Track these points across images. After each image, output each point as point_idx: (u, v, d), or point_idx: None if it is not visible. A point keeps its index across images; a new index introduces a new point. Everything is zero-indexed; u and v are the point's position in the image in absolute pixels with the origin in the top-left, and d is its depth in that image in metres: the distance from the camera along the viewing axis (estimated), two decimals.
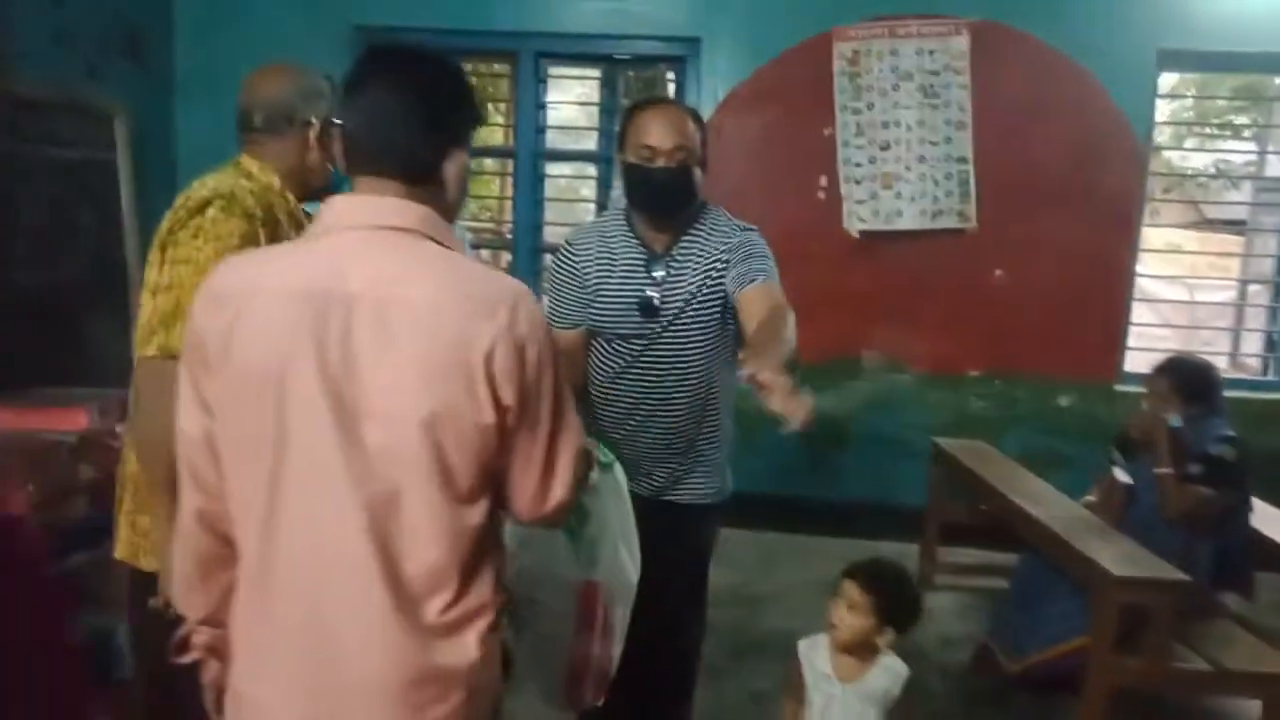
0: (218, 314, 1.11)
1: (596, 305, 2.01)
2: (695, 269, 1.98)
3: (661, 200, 1.96)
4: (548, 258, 4.22)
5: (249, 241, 1.53)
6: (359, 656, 1.11)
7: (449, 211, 1.23)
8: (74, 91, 3.47)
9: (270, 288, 1.11)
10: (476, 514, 1.15)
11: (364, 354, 1.08)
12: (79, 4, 3.49)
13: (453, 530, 1.12)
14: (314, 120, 1.71)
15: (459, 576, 1.14)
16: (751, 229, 2.05)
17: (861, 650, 1.92)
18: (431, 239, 1.15)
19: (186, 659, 1.26)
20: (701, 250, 1.98)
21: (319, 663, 1.12)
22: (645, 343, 2.00)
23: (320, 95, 1.73)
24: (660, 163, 1.89)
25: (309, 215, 1.74)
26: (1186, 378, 2.88)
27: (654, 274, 1.98)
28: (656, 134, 1.90)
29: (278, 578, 1.13)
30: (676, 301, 1.97)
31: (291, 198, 1.71)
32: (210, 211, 1.54)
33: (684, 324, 1.98)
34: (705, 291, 1.98)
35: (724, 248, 1.98)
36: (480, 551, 1.17)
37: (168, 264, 1.53)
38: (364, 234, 1.14)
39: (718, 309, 1.99)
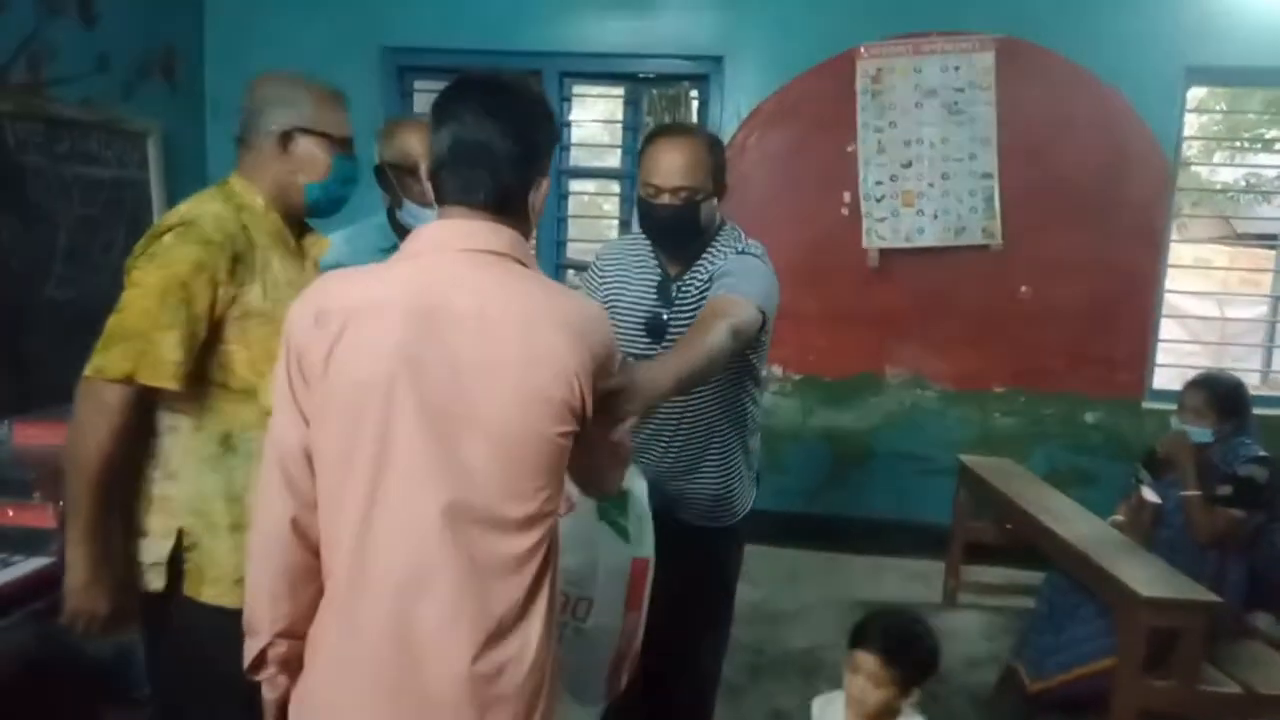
0: (319, 331, 1.16)
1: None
2: (698, 293, 2.00)
3: (665, 236, 2.00)
4: (570, 274, 4.25)
5: (201, 269, 1.52)
6: (440, 658, 1.15)
7: (528, 234, 1.29)
8: (109, 112, 3.56)
9: (373, 306, 1.16)
10: (547, 508, 1.21)
11: (465, 371, 1.14)
12: (115, 26, 3.58)
13: (523, 529, 1.18)
14: (274, 127, 1.64)
15: (527, 572, 1.19)
16: (751, 249, 2.03)
17: (886, 716, 1.87)
18: (519, 261, 1.22)
19: (261, 676, 1.27)
20: (704, 274, 2.00)
21: (401, 666, 1.15)
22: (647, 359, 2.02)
23: (292, 103, 1.65)
24: (664, 199, 1.92)
25: (304, 235, 1.76)
26: (1221, 394, 2.85)
27: (665, 296, 2.01)
28: (661, 173, 1.92)
29: (369, 584, 1.16)
30: (681, 325, 1.97)
31: (277, 217, 1.68)
32: (166, 238, 1.55)
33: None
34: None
35: (719, 271, 1.98)
36: (545, 543, 1.22)
37: (126, 287, 1.56)
38: (459, 256, 1.19)
39: None
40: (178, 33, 4.04)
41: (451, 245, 1.20)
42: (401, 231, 2.16)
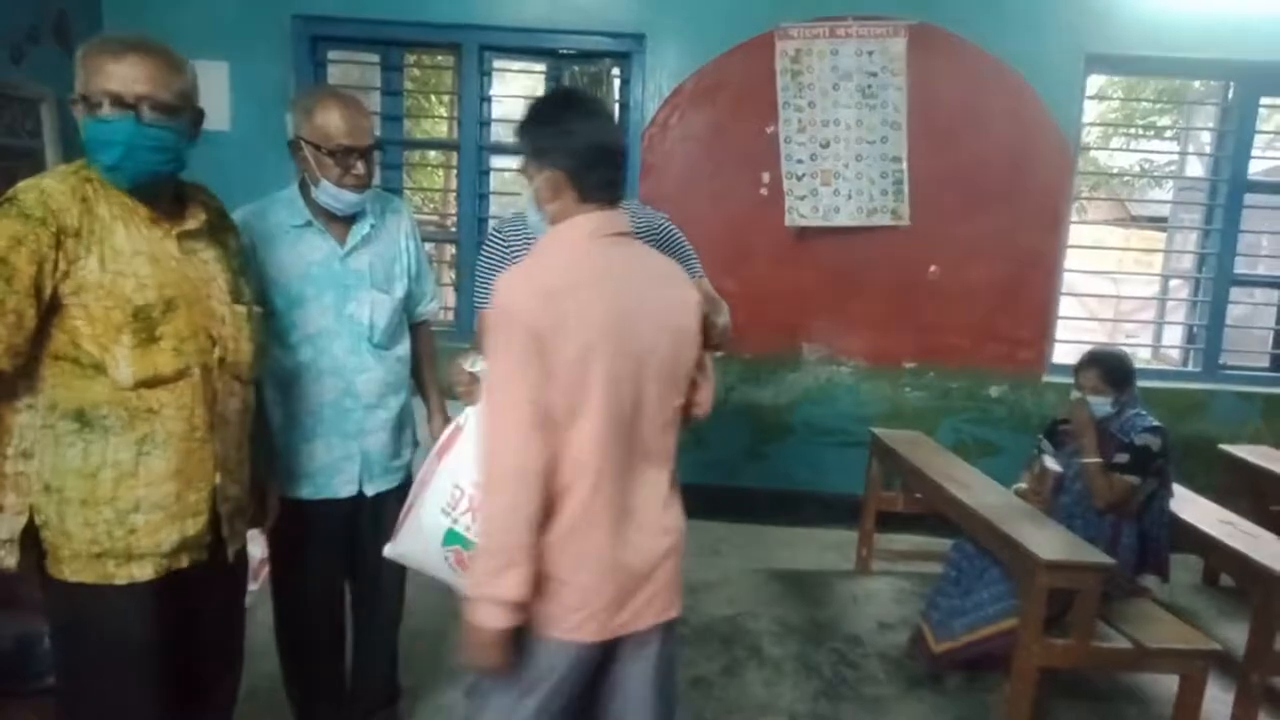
0: (552, 307, 1.45)
1: None
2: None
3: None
4: None
5: (19, 243, 1.48)
6: (651, 534, 1.61)
7: None
8: None
9: (583, 283, 1.49)
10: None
11: (644, 322, 1.54)
12: None
13: (671, 429, 1.64)
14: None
15: (673, 457, 1.67)
16: (666, 220, 2.27)
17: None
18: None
19: (521, 598, 1.47)
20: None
21: (623, 550, 1.56)
22: None
23: (79, 68, 1.58)
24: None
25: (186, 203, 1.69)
26: (1113, 367, 3.01)
27: None
28: None
29: (605, 498, 1.53)
30: None
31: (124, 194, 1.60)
32: None
33: None
34: None
35: (646, 228, 2.14)
36: None
37: None
38: (616, 239, 1.57)
39: None
40: None
41: (607, 230, 1.56)
42: (315, 209, 2.12)
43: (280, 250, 2.07)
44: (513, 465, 1.46)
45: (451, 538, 1.80)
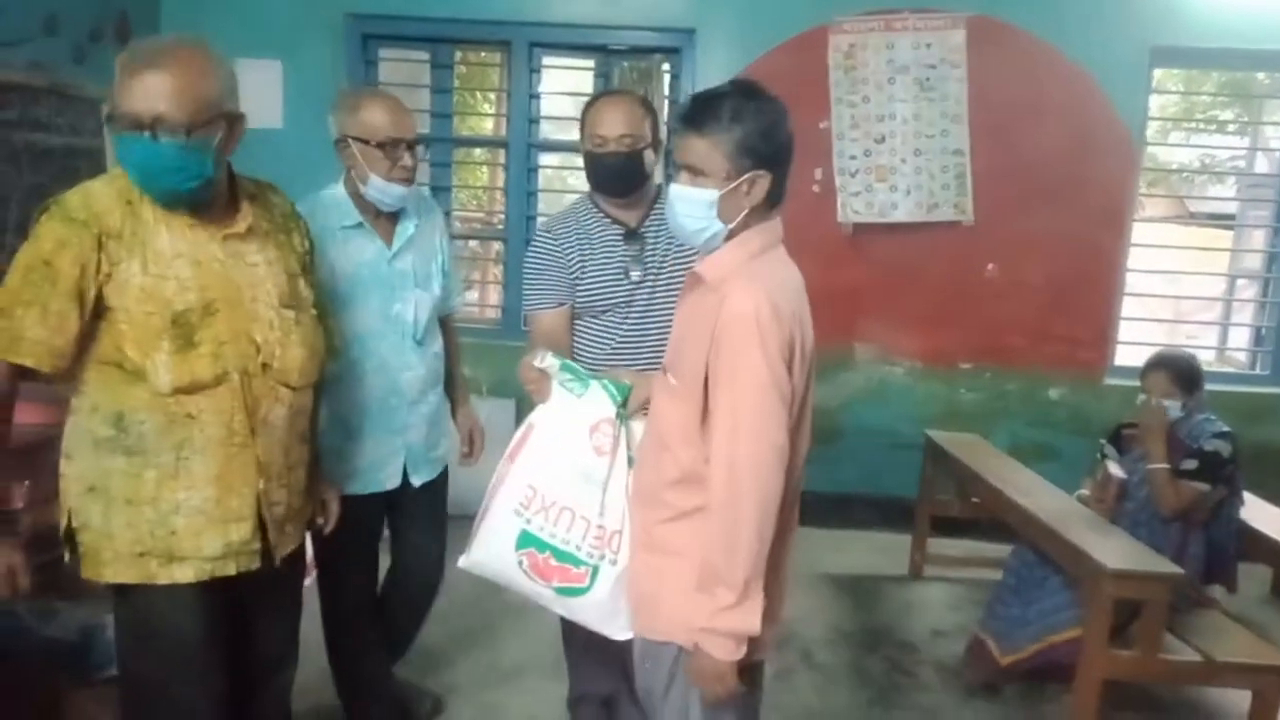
0: (791, 316, 1.49)
1: (584, 281, 2.11)
2: (666, 244, 2.12)
3: (615, 181, 2.11)
4: None
5: (64, 246, 1.50)
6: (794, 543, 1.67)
7: None
8: (61, 77, 3.42)
9: (796, 291, 1.55)
10: None
11: (808, 334, 1.57)
12: None
13: None
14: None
15: None
16: None
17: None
18: None
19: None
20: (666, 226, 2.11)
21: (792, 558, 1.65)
22: (637, 312, 2.11)
23: (116, 84, 1.55)
24: (610, 148, 2.05)
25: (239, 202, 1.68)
26: (1182, 370, 2.91)
27: (632, 244, 2.12)
28: (605, 124, 2.06)
29: (792, 505, 1.60)
30: (655, 266, 2.12)
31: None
32: (43, 216, 1.55)
33: (668, 286, 2.09)
34: (681, 258, 2.08)
35: None
36: None
37: None
38: (783, 247, 1.61)
39: None
40: None
41: (781, 238, 1.61)
42: (363, 208, 2.13)
43: (330, 252, 2.07)
44: (767, 475, 1.44)
45: (525, 540, 1.79)
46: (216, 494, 1.63)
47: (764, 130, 1.50)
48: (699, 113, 1.51)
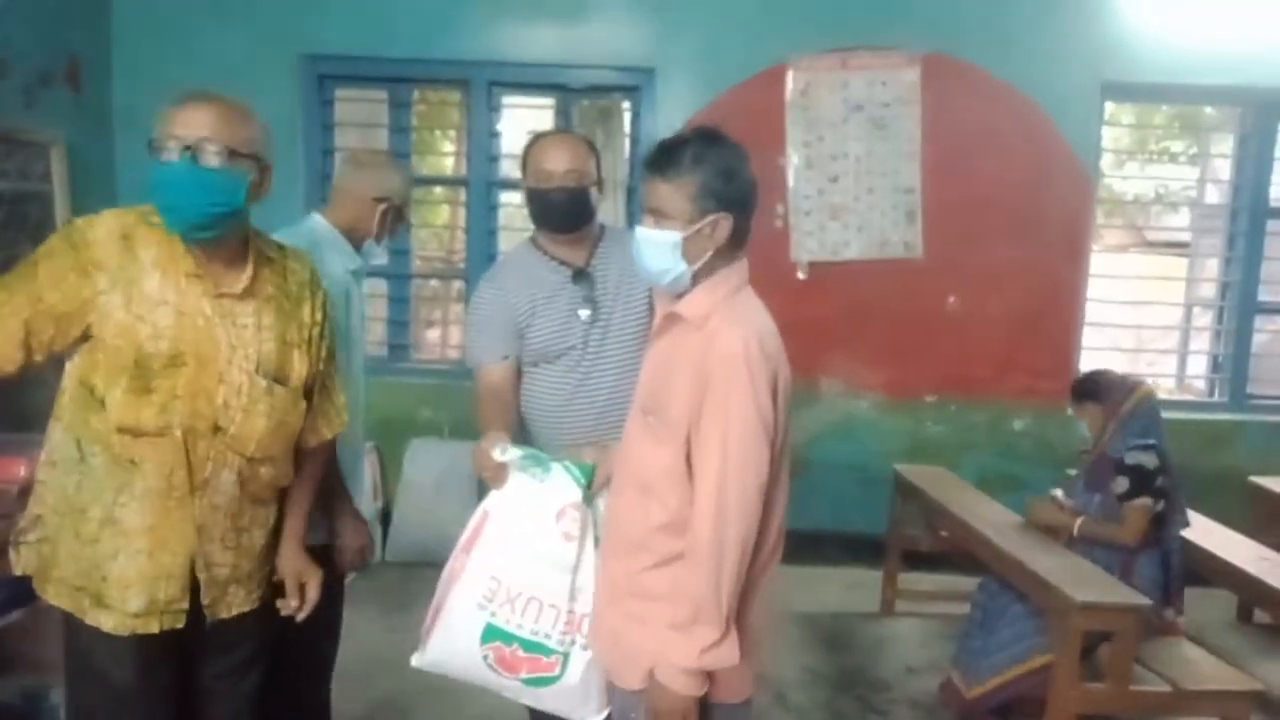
0: (776, 358, 1.52)
1: (535, 329, 2.06)
2: (618, 278, 2.08)
3: (562, 218, 2.07)
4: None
5: (51, 256, 1.56)
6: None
7: None
8: (9, 121, 3.36)
9: (772, 327, 1.56)
10: None
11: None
12: (13, 32, 3.39)
13: None
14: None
15: None
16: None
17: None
18: None
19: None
20: (615, 261, 2.09)
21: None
22: (591, 354, 2.05)
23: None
24: (556, 183, 2.02)
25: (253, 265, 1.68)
26: (1074, 389, 3.04)
27: (581, 284, 2.08)
28: (550, 159, 2.03)
29: (776, 539, 1.59)
30: (606, 306, 2.07)
31: (174, 240, 1.60)
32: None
33: (621, 326, 2.07)
34: (631, 297, 2.07)
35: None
36: None
37: None
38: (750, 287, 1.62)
39: (647, 312, 2.04)
40: (83, 40, 3.84)
41: (748, 280, 1.62)
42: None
43: (341, 298, 2.08)
44: (751, 512, 1.47)
45: (491, 633, 1.73)
46: (149, 547, 1.60)
47: (725, 173, 1.53)
48: (662, 158, 1.55)
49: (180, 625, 1.65)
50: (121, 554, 1.59)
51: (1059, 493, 3.00)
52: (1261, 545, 3.17)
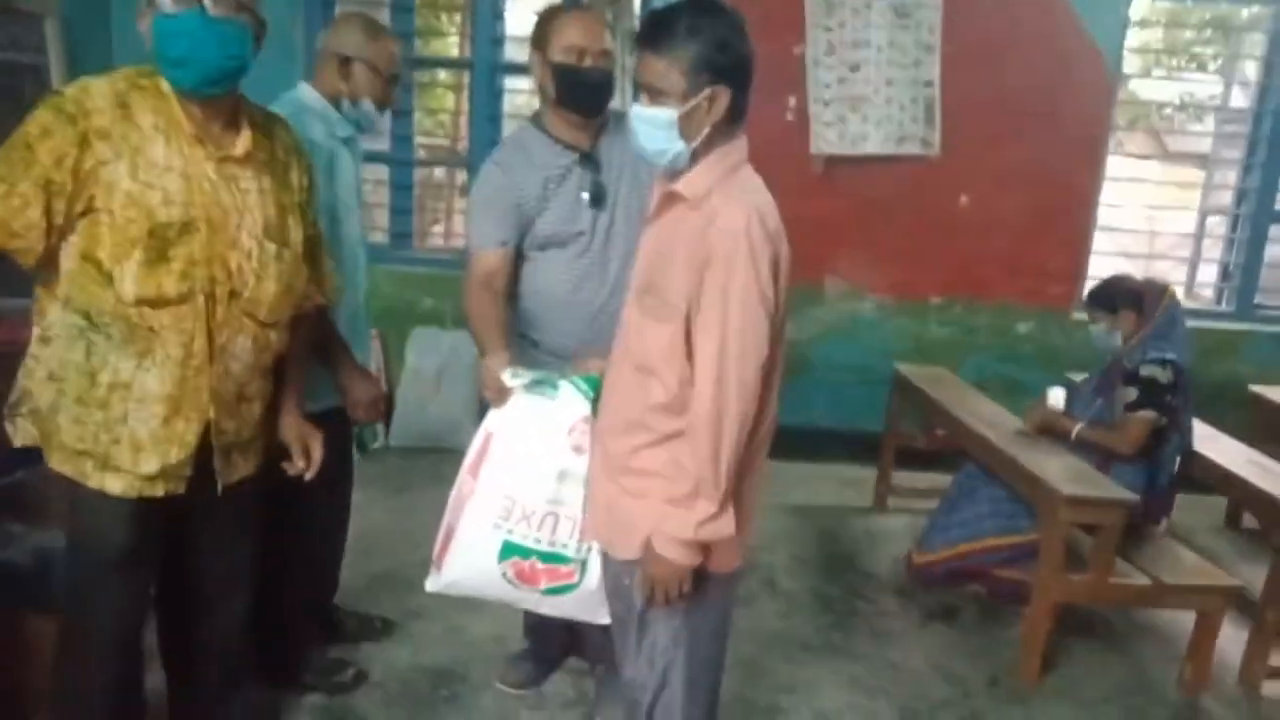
0: (777, 237, 1.49)
1: (547, 213, 2.03)
2: (621, 159, 2.04)
3: (593, 100, 2.03)
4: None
5: (47, 134, 1.50)
6: None
7: None
8: None
9: (773, 206, 1.52)
10: None
11: None
12: None
13: None
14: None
15: None
16: None
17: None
18: None
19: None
20: (625, 143, 1.99)
21: None
22: (599, 239, 2.04)
23: None
24: (589, 62, 1.96)
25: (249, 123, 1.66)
26: (1099, 293, 2.97)
27: (594, 164, 2.05)
28: (583, 35, 1.95)
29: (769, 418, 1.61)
30: (613, 190, 2.05)
31: (175, 103, 1.58)
32: (41, 103, 1.55)
33: (627, 211, 2.05)
34: (637, 181, 2.03)
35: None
36: None
37: None
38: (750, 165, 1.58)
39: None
40: None
41: (747, 154, 1.58)
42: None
43: (340, 161, 2.12)
44: (751, 390, 1.47)
45: (509, 550, 1.76)
46: (165, 413, 1.62)
47: (720, 44, 1.46)
48: (655, 31, 1.48)
49: (182, 490, 1.69)
50: (132, 417, 1.60)
51: (1056, 393, 3.00)
52: (1254, 450, 3.19)
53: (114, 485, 1.64)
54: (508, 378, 1.78)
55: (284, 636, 2.32)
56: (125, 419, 1.60)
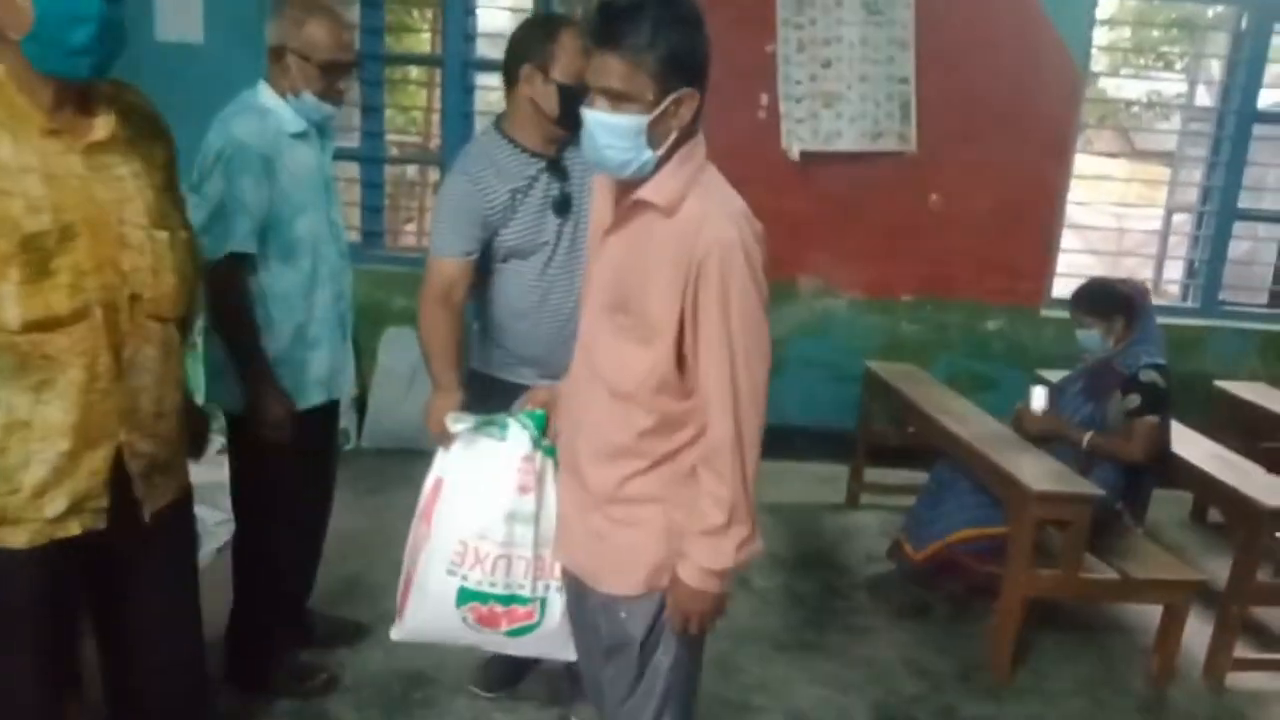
0: (762, 235, 1.43)
1: (514, 222, 2.00)
2: (587, 166, 1.96)
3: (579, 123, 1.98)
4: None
5: None
6: None
7: None
8: None
9: (747, 208, 1.44)
10: None
11: None
12: None
13: None
14: None
15: None
16: None
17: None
18: None
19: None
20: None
21: None
22: (564, 248, 2.03)
23: None
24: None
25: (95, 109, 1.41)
26: (1093, 296, 2.97)
27: (561, 175, 2.03)
28: (592, 70, 1.89)
29: None
30: (578, 198, 2.03)
31: (12, 93, 1.34)
32: None
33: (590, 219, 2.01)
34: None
35: None
36: None
37: None
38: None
39: None
40: None
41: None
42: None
43: (285, 159, 2.06)
44: (763, 399, 1.44)
45: (466, 596, 1.73)
46: (71, 447, 1.41)
47: (689, 43, 1.34)
48: (615, 29, 1.32)
49: (102, 526, 1.47)
50: (35, 460, 1.39)
51: (1039, 394, 3.01)
52: (1219, 446, 3.24)
53: (17, 539, 1.41)
54: (451, 423, 1.73)
55: (256, 641, 2.30)
56: (27, 464, 1.39)
